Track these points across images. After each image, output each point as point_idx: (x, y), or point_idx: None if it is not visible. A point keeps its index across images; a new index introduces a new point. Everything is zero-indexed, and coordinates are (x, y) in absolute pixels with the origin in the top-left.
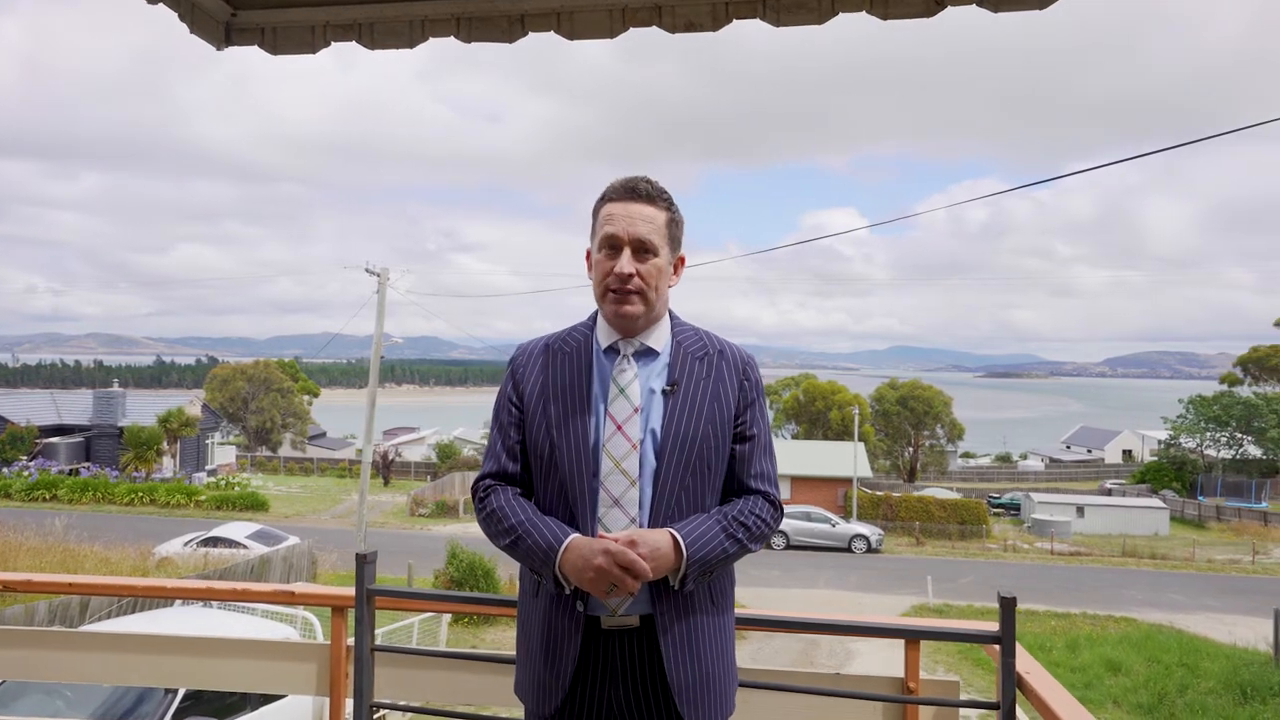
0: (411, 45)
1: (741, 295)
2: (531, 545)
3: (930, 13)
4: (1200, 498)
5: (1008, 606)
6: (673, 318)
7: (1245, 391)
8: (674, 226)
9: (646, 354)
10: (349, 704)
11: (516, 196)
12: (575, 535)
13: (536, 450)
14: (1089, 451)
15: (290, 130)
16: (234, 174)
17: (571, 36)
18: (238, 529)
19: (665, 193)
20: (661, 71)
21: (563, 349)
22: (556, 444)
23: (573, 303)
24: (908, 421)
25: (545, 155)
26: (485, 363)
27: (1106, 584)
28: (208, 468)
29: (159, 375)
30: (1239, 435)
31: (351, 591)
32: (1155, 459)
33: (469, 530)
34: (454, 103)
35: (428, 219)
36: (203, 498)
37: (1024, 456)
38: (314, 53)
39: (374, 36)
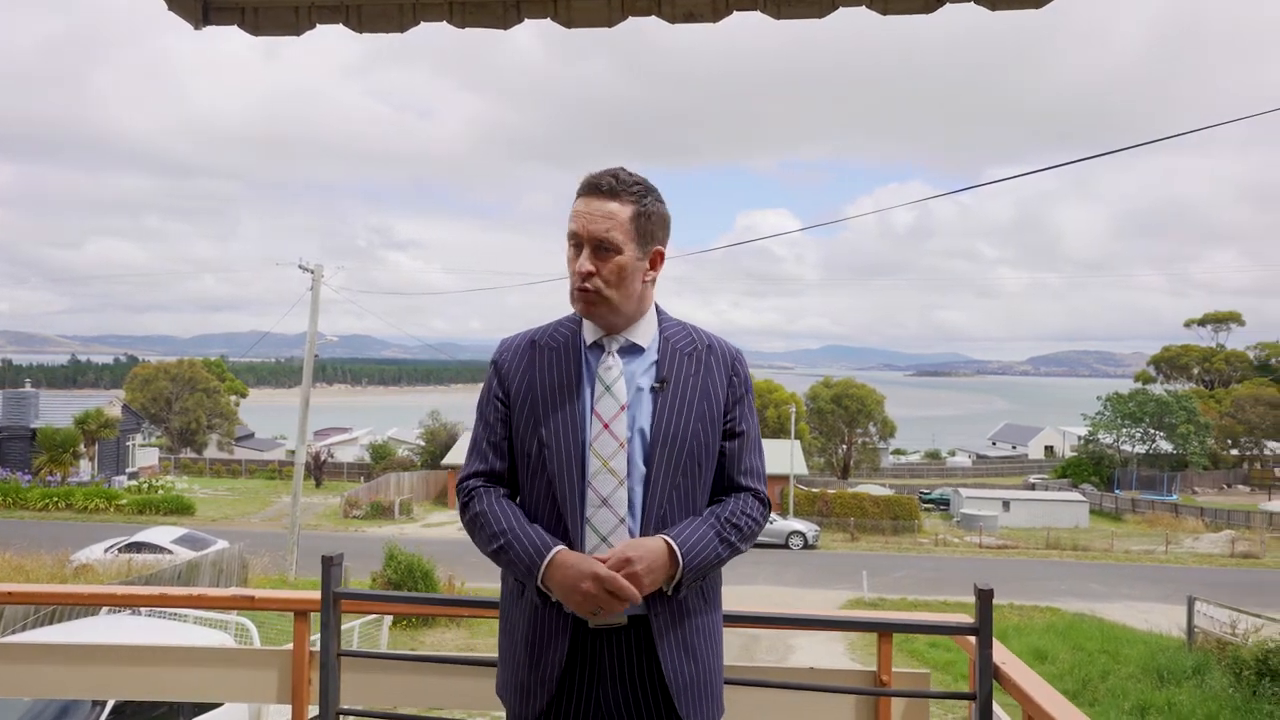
0: (402, 30)
1: (675, 296)
2: (516, 555)
3: (929, 9)
4: (1117, 491)
5: (985, 598)
6: (660, 313)
7: (1158, 389)
8: (643, 220)
9: (632, 350)
10: (311, 710)
11: (450, 194)
12: (561, 549)
13: (524, 449)
14: (1013, 448)
15: (214, 123)
16: (154, 167)
17: (569, 25)
18: (162, 534)
19: (636, 185)
20: (594, 70)
21: (549, 344)
22: (545, 442)
23: (509, 302)
24: (841, 420)
25: (478, 152)
26: (419, 362)
27: (1032, 575)
28: (128, 470)
29: (74, 375)
30: (1152, 431)
31: (315, 595)
32: (1075, 454)
33: (404, 532)
34: (384, 97)
35: (358, 215)
36: (124, 502)
37: (952, 453)
38: (297, 35)
39: (362, 19)
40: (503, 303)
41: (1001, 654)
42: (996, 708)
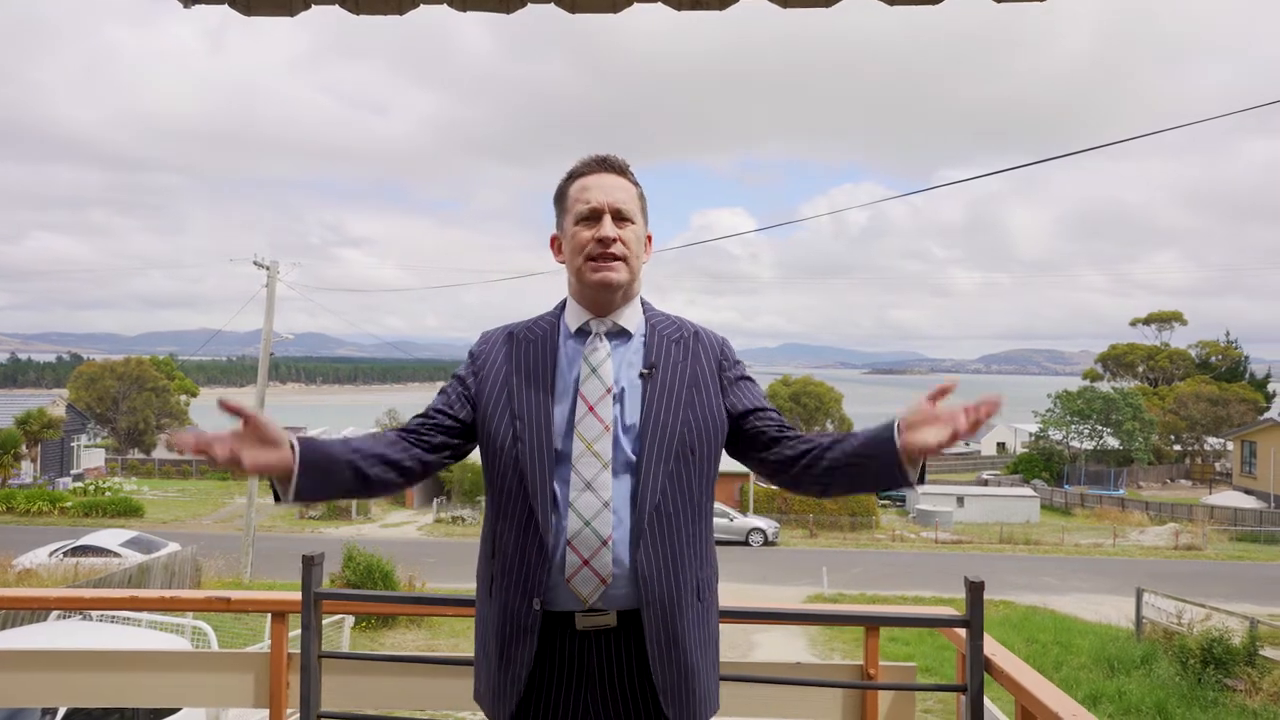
0: (400, 12)
1: None
2: None
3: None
4: (1066, 486)
5: (975, 591)
6: (643, 302)
7: (1105, 386)
8: (643, 201)
9: (620, 335)
10: (289, 714)
11: (405, 190)
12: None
13: (498, 440)
14: (966, 444)
15: (161, 115)
16: (98, 159)
17: (573, 10)
18: (109, 536)
19: (631, 169)
20: (550, 67)
21: (528, 335)
22: (520, 434)
23: (466, 299)
24: (800, 417)
25: (434, 149)
26: (375, 360)
27: (986, 569)
28: (73, 472)
29: (14, 374)
30: (1099, 427)
31: (294, 596)
32: (1026, 451)
33: (362, 533)
34: (337, 92)
35: (310, 211)
36: (69, 504)
37: None
38: (291, 15)
39: (359, 1)
40: (459, 300)
41: (991, 646)
42: (985, 699)
